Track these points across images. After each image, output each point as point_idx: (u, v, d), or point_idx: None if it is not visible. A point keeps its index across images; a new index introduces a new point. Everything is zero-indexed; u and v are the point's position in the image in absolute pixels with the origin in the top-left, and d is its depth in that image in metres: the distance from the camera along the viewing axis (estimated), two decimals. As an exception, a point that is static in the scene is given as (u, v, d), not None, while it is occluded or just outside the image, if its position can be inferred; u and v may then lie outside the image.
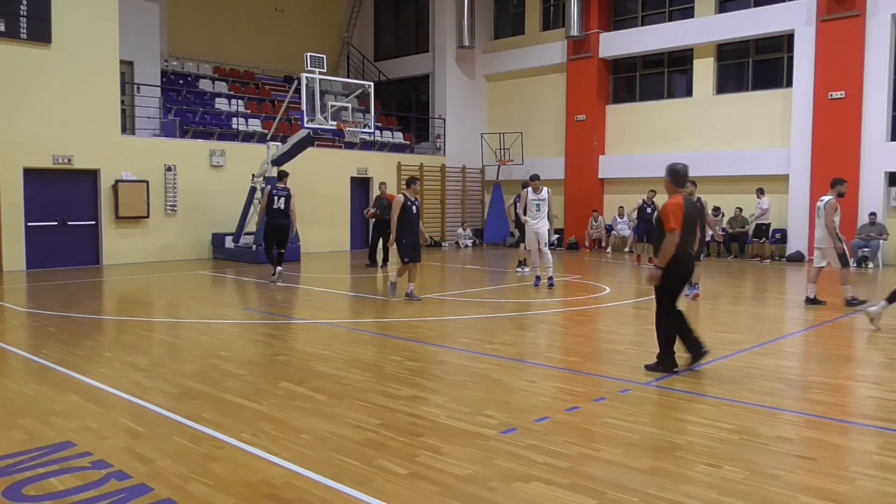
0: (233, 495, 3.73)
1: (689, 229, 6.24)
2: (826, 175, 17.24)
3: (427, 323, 9.09)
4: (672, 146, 20.22)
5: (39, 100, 14.92)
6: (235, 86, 21.92)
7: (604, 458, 4.28)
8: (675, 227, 6.11)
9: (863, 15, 16.62)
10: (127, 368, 6.54)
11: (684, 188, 6.45)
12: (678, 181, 6.41)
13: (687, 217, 6.17)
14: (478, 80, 24.57)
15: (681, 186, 6.42)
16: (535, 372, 6.52)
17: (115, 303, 11.42)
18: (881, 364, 6.99)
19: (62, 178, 15.57)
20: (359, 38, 26.59)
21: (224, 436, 4.65)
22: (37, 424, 4.87)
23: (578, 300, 11.29)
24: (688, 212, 6.20)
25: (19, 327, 8.90)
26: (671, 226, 6.12)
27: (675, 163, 6.55)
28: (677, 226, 6.11)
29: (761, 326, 9.10)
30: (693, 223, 6.32)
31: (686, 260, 6.27)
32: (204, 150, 17.84)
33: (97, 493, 3.75)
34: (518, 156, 22.75)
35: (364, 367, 6.65)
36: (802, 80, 17.65)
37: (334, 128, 15.99)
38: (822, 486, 3.86)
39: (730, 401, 5.51)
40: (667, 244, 6.14)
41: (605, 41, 21.26)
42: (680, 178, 6.41)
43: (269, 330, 8.70)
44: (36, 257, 15.14)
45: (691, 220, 6.25)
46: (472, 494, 3.75)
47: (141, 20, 18.71)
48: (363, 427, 4.84)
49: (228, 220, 17.64)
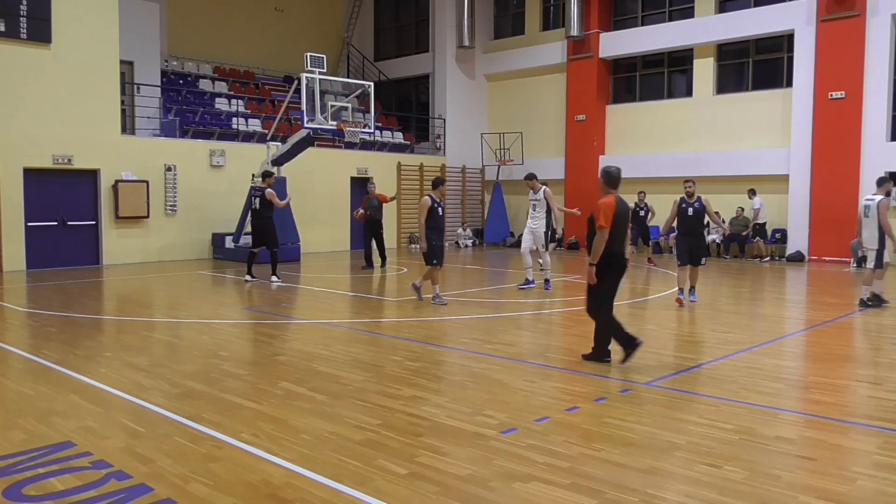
0: (233, 495, 3.73)
1: (620, 228, 6.62)
2: (826, 175, 17.36)
3: (427, 323, 9.09)
4: (672, 146, 20.23)
5: (39, 100, 14.92)
6: (235, 86, 21.92)
7: (604, 458, 4.28)
8: (605, 225, 6.50)
9: (863, 15, 16.63)
10: (127, 368, 6.54)
11: (616, 189, 6.80)
12: (611, 183, 6.80)
13: (617, 217, 6.55)
14: (478, 80, 24.57)
15: (613, 188, 6.79)
16: (535, 372, 6.52)
17: (115, 303, 11.42)
18: (881, 364, 6.99)
19: (62, 178, 15.57)
20: (359, 38, 26.59)
21: (224, 436, 4.65)
22: (37, 424, 4.87)
23: (578, 300, 11.28)
24: (618, 212, 6.58)
25: (19, 327, 8.90)
26: (601, 224, 6.51)
27: (609, 166, 6.95)
28: (607, 224, 6.50)
29: (761, 326, 9.10)
30: (623, 223, 6.69)
31: (618, 257, 6.64)
32: (204, 150, 17.84)
33: (97, 493, 3.75)
34: (518, 156, 22.75)
35: (364, 367, 6.65)
36: (802, 80, 17.65)
37: (334, 128, 15.98)
38: (822, 486, 3.86)
39: (730, 401, 5.51)
40: (597, 241, 6.55)
41: (605, 41, 21.26)
42: (612, 180, 6.80)
43: (269, 330, 8.70)
44: (36, 257, 15.14)
45: (621, 220, 6.63)
46: (472, 494, 3.75)
47: (141, 20, 18.71)
48: (363, 427, 4.84)
49: (228, 220, 17.64)
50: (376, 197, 15.56)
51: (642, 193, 16.18)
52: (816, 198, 17.48)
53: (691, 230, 10.26)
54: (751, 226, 18.15)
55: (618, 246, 6.63)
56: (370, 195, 15.70)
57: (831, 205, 17.13)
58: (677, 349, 7.66)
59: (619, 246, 6.66)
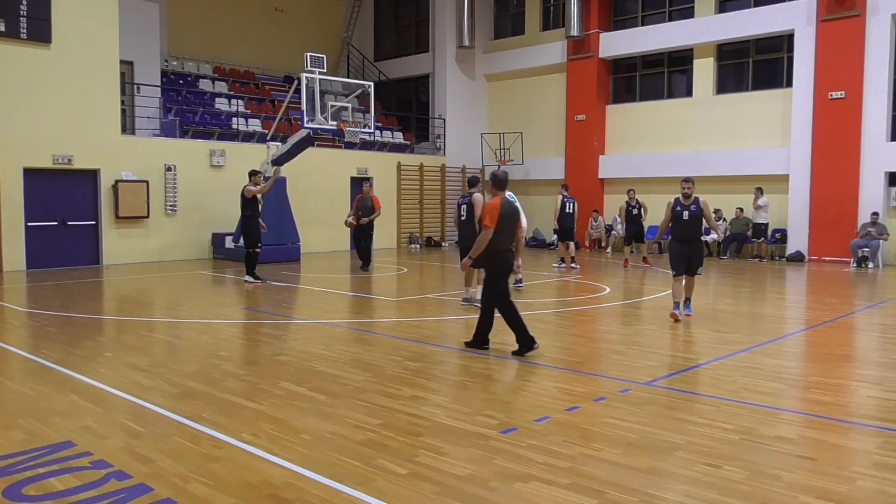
0: (233, 495, 3.73)
1: (505, 228, 7.07)
2: (826, 175, 17.36)
3: (427, 323, 9.09)
4: (672, 146, 20.23)
5: (39, 100, 14.92)
6: (235, 86, 21.92)
7: (604, 458, 4.28)
8: (490, 225, 6.96)
9: (863, 15, 16.63)
10: (127, 368, 6.54)
11: (503, 192, 7.24)
12: (498, 185, 7.26)
13: (502, 217, 7.00)
14: (478, 80, 24.57)
15: (500, 190, 7.24)
16: (535, 372, 6.52)
17: (115, 303, 11.42)
18: (881, 364, 6.99)
19: (62, 178, 15.57)
20: (359, 38, 26.59)
21: (224, 436, 4.65)
22: (37, 424, 4.87)
23: (578, 300, 11.29)
24: (503, 213, 7.03)
25: (19, 327, 8.90)
26: (486, 224, 6.98)
27: (497, 170, 7.45)
28: (492, 225, 6.96)
29: (761, 326, 9.10)
30: (508, 223, 7.12)
31: (504, 255, 7.09)
32: (204, 150, 17.84)
33: (97, 493, 3.75)
34: (518, 156, 22.75)
35: (364, 367, 6.65)
36: (802, 80, 17.65)
37: (334, 128, 15.97)
38: (822, 486, 3.86)
39: (730, 401, 5.51)
40: (481, 239, 7.04)
41: (605, 41, 21.26)
42: (499, 183, 7.27)
43: (269, 330, 8.70)
44: (36, 257, 15.14)
45: (506, 221, 7.07)
46: (472, 494, 3.75)
47: (141, 20, 18.70)
48: (363, 427, 4.84)
49: (228, 220, 17.63)
50: (370, 198, 15.37)
51: (632, 191, 16.15)
52: (816, 198, 17.48)
53: (687, 236, 8.98)
54: (751, 225, 18.12)
55: (503, 244, 7.08)
56: (364, 195, 15.45)
57: (831, 205, 17.14)
58: (677, 349, 7.66)
59: (505, 244, 7.12)
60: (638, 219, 16.41)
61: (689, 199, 8.93)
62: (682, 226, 8.98)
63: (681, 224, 8.98)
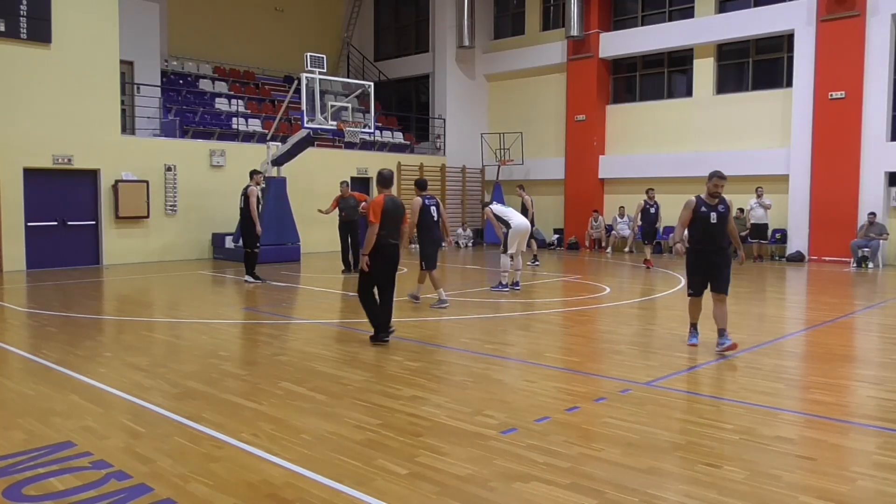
0: (233, 495, 3.73)
1: (390, 223, 7.54)
2: (826, 175, 17.36)
3: (427, 323, 9.09)
4: (672, 146, 20.23)
5: (39, 100, 14.92)
6: (235, 86, 21.92)
7: (604, 458, 4.28)
8: (374, 221, 7.45)
9: (863, 15, 16.63)
10: (127, 368, 6.54)
11: (388, 189, 7.73)
12: (383, 183, 7.78)
13: (385, 213, 7.48)
14: (478, 80, 24.57)
15: (384, 188, 7.75)
16: (535, 372, 6.52)
17: (115, 303, 11.41)
18: (881, 364, 6.99)
19: (62, 178, 15.57)
20: (359, 38, 26.59)
21: (224, 436, 4.65)
22: (37, 424, 4.87)
23: (578, 300, 11.29)
24: (386, 209, 7.50)
25: (19, 327, 8.90)
26: (370, 220, 7.47)
27: (383, 168, 7.89)
28: (376, 220, 7.45)
29: (761, 326, 9.10)
30: (392, 219, 7.58)
31: (387, 249, 7.55)
32: (204, 150, 17.84)
33: (97, 493, 3.75)
34: (518, 156, 22.75)
35: (364, 367, 6.65)
36: (802, 80, 17.65)
37: (334, 128, 15.96)
38: (822, 486, 3.86)
39: (730, 401, 5.51)
40: (368, 235, 7.45)
41: (605, 41, 21.26)
42: (384, 181, 7.76)
43: (269, 330, 8.70)
44: (36, 257, 15.13)
45: (389, 216, 7.53)
46: (471, 494, 3.75)
47: (141, 20, 18.70)
48: (363, 427, 4.84)
49: (228, 220, 17.62)
50: (352, 196, 14.62)
51: (651, 191, 15.78)
52: (816, 198, 17.48)
53: (715, 242, 7.33)
54: (749, 225, 18.00)
55: (388, 238, 7.53)
56: (343, 195, 14.66)
57: (831, 205, 17.13)
58: (677, 349, 7.66)
59: (390, 238, 7.56)
60: (654, 218, 15.85)
61: (716, 199, 7.37)
62: (710, 230, 7.29)
63: (707, 228, 7.29)
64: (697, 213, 7.32)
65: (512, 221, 11.63)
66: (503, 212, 11.91)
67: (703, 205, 7.34)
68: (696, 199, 7.40)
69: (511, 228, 11.58)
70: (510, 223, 11.62)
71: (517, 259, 11.86)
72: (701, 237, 7.35)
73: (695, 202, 7.37)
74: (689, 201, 7.42)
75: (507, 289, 11.76)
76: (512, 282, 11.89)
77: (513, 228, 11.58)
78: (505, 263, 11.78)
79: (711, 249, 7.34)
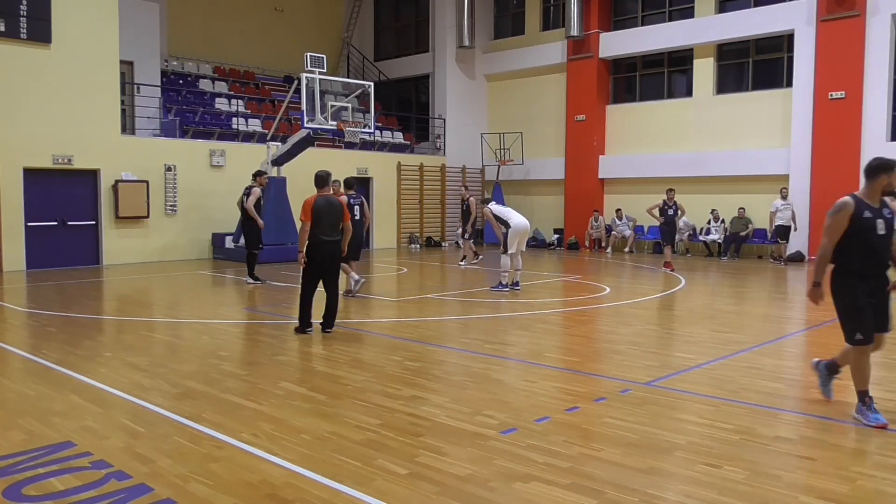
0: (233, 495, 3.73)
1: (322, 220, 7.92)
2: (826, 175, 17.34)
3: (427, 323, 9.09)
4: (672, 146, 20.23)
5: (39, 100, 14.91)
6: (235, 86, 21.92)
7: (604, 458, 4.28)
8: (304, 219, 7.91)
9: (863, 15, 16.62)
10: (127, 368, 6.54)
11: (324, 189, 8.15)
12: (317, 183, 8.19)
13: (315, 211, 7.89)
14: (478, 80, 24.57)
15: (319, 188, 8.15)
16: (535, 372, 6.52)
17: (115, 303, 11.41)
18: (881, 364, 6.98)
19: (62, 178, 15.56)
20: (359, 38, 26.59)
21: (224, 436, 4.65)
22: (37, 424, 4.87)
23: (578, 300, 11.29)
24: (317, 208, 7.91)
25: (19, 327, 8.90)
26: (301, 218, 7.94)
27: (321, 170, 8.36)
28: (306, 219, 7.89)
29: (761, 326, 9.10)
30: (325, 216, 7.95)
31: (322, 245, 7.96)
32: (204, 150, 17.83)
33: (97, 493, 3.75)
34: (518, 156, 22.75)
35: (364, 367, 6.65)
36: (802, 80, 17.65)
37: (334, 128, 15.96)
38: (822, 486, 3.86)
39: (730, 401, 5.51)
40: (300, 233, 7.98)
41: (605, 41, 21.25)
42: (319, 181, 8.20)
43: (269, 330, 8.70)
44: (36, 257, 15.13)
45: (321, 214, 7.92)
46: (471, 494, 3.75)
47: (141, 20, 18.70)
48: (363, 427, 4.84)
49: (228, 220, 17.62)
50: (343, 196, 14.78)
51: (671, 191, 15.33)
52: (816, 198, 17.47)
53: (880, 263, 5.20)
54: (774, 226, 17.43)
55: (320, 235, 7.92)
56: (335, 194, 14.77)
57: (831, 205, 17.03)
58: (677, 349, 7.66)
59: (324, 235, 7.95)
60: (672, 219, 15.40)
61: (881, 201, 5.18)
62: (876, 244, 5.10)
63: (871, 242, 5.10)
64: (858, 220, 5.07)
65: (511, 221, 11.63)
66: (502, 212, 11.91)
67: (866, 208, 5.09)
68: (852, 199, 5.14)
69: (510, 228, 11.58)
70: (509, 223, 11.62)
71: (517, 259, 11.85)
72: (864, 254, 5.14)
73: (853, 204, 5.10)
74: (844, 202, 5.15)
75: (507, 289, 11.76)
76: (512, 282, 11.89)
77: (512, 228, 11.58)
78: (505, 263, 11.78)
79: (878, 273, 5.20)
